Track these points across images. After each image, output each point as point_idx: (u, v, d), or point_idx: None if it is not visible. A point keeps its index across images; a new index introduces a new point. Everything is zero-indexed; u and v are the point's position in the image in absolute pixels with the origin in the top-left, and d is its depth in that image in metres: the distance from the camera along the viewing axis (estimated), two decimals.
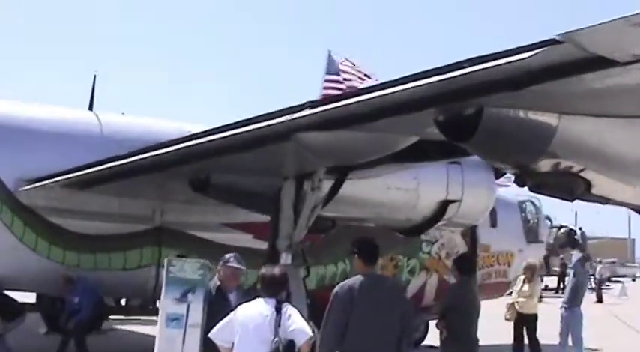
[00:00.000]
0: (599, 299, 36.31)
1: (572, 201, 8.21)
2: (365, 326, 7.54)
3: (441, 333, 9.99)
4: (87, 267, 12.75)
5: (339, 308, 7.59)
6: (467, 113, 7.30)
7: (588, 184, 7.92)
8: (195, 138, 9.28)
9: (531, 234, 18.37)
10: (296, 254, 11.23)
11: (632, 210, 9.30)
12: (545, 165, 7.68)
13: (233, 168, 10.90)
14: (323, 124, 8.29)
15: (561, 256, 35.60)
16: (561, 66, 6.20)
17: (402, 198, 12.24)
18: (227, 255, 8.70)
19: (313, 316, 9.13)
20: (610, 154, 7.66)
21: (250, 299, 7.35)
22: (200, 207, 12.91)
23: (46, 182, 11.94)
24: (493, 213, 17.29)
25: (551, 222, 41.99)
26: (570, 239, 25.92)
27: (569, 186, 7.96)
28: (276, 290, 7.10)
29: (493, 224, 17.36)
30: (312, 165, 10.38)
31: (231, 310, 7.33)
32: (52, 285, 12.72)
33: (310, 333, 6.85)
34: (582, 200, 8.77)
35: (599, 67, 6.05)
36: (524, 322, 13.94)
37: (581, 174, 7.79)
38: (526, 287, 14.07)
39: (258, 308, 6.91)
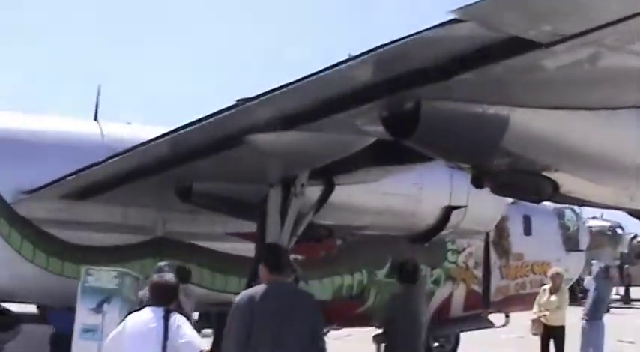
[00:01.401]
0: None
1: (539, 202, 7.56)
2: (266, 338, 7.04)
3: (378, 349, 9.31)
4: None
5: (238, 320, 7.12)
6: (406, 107, 6.75)
7: (555, 184, 7.26)
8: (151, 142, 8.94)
9: (571, 242, 17.43)
10: None
11: (628, 213, 8.57)
12: (501, 163, 7.08)
13: (215, 176, 10.53)
14: (270, 124, 7.82)
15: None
16: (481, 50, 5.61)
17: (401, 205, 11.62)
18: (160, 264, 8.32)
19: None
20: (573, 151, 7.02)
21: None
22: (203, 217, 12.57)
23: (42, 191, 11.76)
24: (527, 221, 16.55)
25: (623, 231, 40.90)
26: None
27: (534, 187, 7.32)
28: (166, 299, 6.62)
29: (527, 232, 16.58)
30: (292, 170, 9.90)
31: None
32: (50, 297, 12.52)
33: (200, 347, 6.31)
34: (554, 202, 8.11)
35: (520, 49, 5.45)
36: (552, 335, 13.11)
37: (545, 173, 7.14)
38: (553, 297, 13.21)
39: (145, 318, 6.46)
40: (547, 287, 13.38)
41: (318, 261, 14.22)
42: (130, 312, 7.24)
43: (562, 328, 13.08)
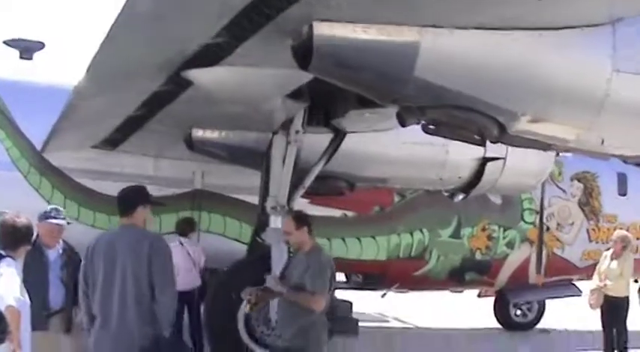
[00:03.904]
0: None
1: (483, 145, 6.39)
2: (103, 286, 6.45)
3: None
4: None
5: (82, 269, 6.59)
6: (303, 31, 5.79)
7: (499, 122, 6.11)
8: None
9: None
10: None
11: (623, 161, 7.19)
12: (424, 97, 5.99)
13: (211, 121, 9.89)
14: (202, 58, 7.02)
15: None
16: None
17: (424, 154, 10.48)
18: (49, 208, 7.76)
19: None
20: (505, 79, 5.83)
21: None
22: (241, 168, 11.99)
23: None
24: (622, 179, 14.93)
25: None
26: None
27: (474, 126, 6.18)
28: (11, 243, 5.94)
29: (622, 191, 14.97)
30: (281, 114, 9.09)
31: (49, 269, 6.72)
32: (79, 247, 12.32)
33: (9, 302, 5.59)
34: (509, 144, 6.89)
35: None
36: (614, 307, 11.53)
37: (480, 108, 6.00)
38: (614, 264, 11.60)
39: None
40: (609, 253, 11.72)
41: (370, 218, 13.34)
42: None
43: (624, 299, 11.42)
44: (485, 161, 10.76)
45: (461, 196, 11.31)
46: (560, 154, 11.35)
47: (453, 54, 5.67)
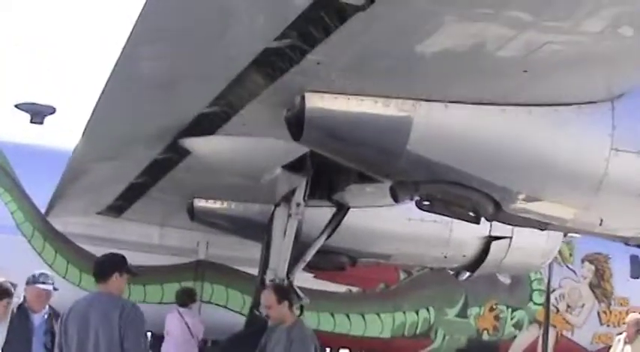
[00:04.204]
0: None
1: (478, 222, 6.23)
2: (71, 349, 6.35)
3: None
4: None
5: (57, 336, 6.55)
6: (296, 102, 5.74)
7: (495, 200, 5.98)
8: None
9: None
10: None
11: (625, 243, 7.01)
12: (417, 171, 5.89)
13: (212, 191, 9.83)
14: (198, 126, 6.99)
15: None
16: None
17: (428, 232, 10.31)
18: (37, 273, 7.70)
19: None
20: (503, 156, 5.73)
21: None
22: (245, 239, 11.89)
23: None
24: (636, 262, 14.66)
25: None
26: None
27: (469, 203, 6.04)
28: None
29: (635, 275, 14.68)
30: (282, 186, 9.01)
31: (33, 334, 6.72)
32: None
33: None
34: (502, 222, 6.73)
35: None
36: None
37: (475, 185, 5.89)
38: (628, 349, 11.29)
39: None
40: (622, 336, 11.42)
41: (375, 294, 13.14)
42: None
43: None
44: (490, 239, 10.58)
45: (466, 275, 11.10)
46: (569, 235, 11.19)
47: (446, 128, 5.59)
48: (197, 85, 6.00)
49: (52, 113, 13.20)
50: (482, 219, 6.28)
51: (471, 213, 6.14)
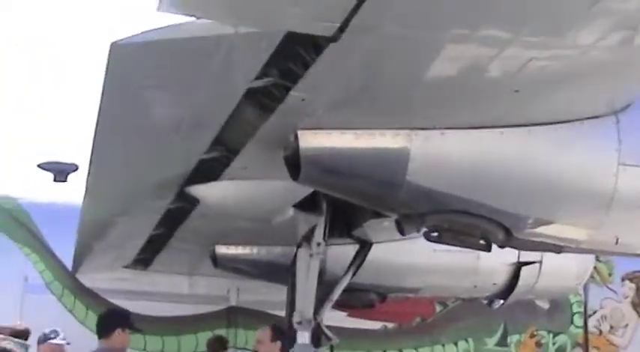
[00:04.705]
0: None
1: (489, 250, 6.05)
2: None
3: None
4: (154, 351, 12.07)
5: None
6: (291, 141, 5.65)
7: (504, 226, 5.81)
8: None
9: None
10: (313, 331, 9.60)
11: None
12: (419, 202, 5.74)
13: (236, 239, 9.77)
14: (201, 173, 6.93)
15: None
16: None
17: (456, 262, 10.10)
18: (47, 330, 7.67)
19: None
20: (507, 180, 5.56)
21: None
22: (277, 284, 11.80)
23: None
24: None
25: None
26: None
27: (478, 231, 5.88)
28: None
29: None
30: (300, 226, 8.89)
31: None
32: None
33: None
34: (518, 249, 6.55)
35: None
36: None
37: (481, 212, 5.72)
38: None
39: None
40: None
41: (412, 329, 12.92)
42: None
43: None
44: (520, 265, 10.33)
45: (499, 303, 10.85)
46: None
47: (445, 156, 5.46)
48: (192, 131, 5.94)
49: (75, 170, 13.25)
50: None
51: (482, 241, 5.98)
